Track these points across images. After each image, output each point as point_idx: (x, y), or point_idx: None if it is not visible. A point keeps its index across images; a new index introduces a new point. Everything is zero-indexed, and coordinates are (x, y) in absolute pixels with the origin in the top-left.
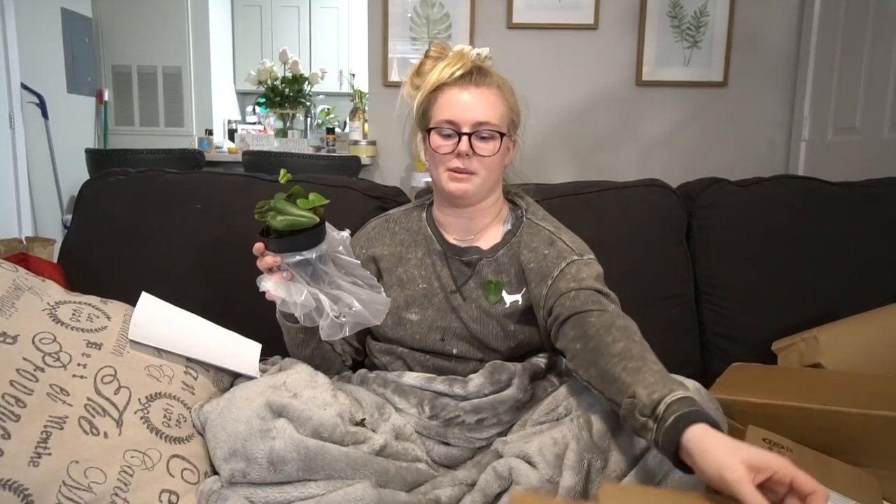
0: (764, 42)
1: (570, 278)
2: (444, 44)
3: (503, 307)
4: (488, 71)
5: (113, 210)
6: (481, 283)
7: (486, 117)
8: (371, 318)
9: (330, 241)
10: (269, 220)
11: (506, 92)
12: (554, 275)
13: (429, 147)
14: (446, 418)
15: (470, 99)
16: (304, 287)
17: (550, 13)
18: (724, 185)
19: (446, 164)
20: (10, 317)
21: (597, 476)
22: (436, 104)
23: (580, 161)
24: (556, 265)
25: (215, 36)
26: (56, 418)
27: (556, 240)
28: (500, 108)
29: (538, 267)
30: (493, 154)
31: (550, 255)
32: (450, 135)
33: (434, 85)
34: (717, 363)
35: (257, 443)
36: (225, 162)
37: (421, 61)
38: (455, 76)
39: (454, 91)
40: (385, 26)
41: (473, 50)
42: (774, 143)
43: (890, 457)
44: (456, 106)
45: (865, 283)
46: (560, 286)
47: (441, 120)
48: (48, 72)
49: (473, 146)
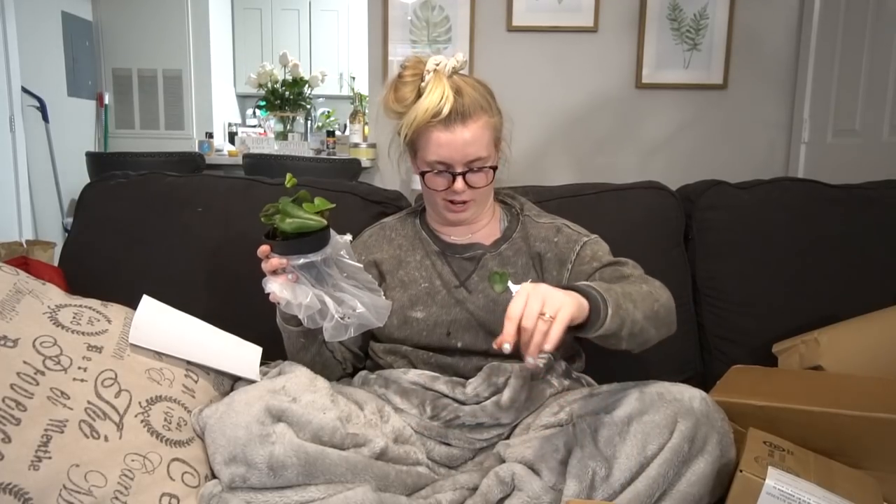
0: (764, 44)
1: (588, 258)
2: (416, 60)
3: (509, 296)
4: (467, 91)
5: (114, 213)
6: (487, 276)
7: (477, 153)
8: (374, 321)
9: (333, 245)
10: (277, 222)
11: (488, 113)
12: (571, 259)
13: (422, 183)
14: (447, 419)
15: (458, 138)
16: (308, 289)
17: (550, 16)
18: (724, 188)
19: (443, 196)
20: (10, 320)
21: (601, 484)
22: (422, 140)
23: (580, 163)
24: (570, 249)
25: (215, 39)
26: (56, 422)
27: (561, 227)
28: (487, 135)
29: (553, 255)
30: (488, 183)
31: (561, 241)
32: (442, 172)
33: (418, 125)
34: (718, 365)
35: (257, 448)
36: (225, 165)
37: (396, 86)
38: (441, 117)
39: (440, 132)
40: (385, 29)
41: (448, 64)
42: (774, 145)
43: (890, 459)
44: (444, 147)
45: (865, 285)
46: (583, 269)
47: (433, 161)
48: (49, 75)
49: (468, 181)
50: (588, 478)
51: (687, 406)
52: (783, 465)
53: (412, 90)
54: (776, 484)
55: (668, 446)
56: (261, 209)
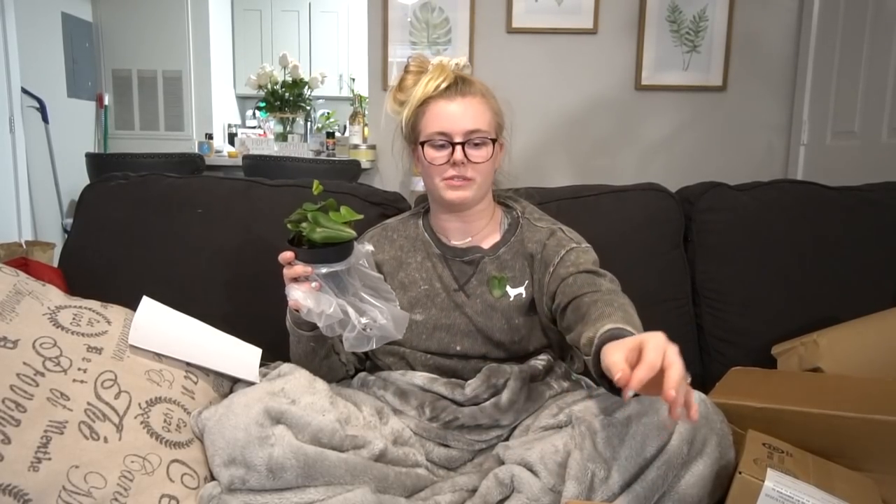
0: (763, 46)
1: (569, 264)
2: (422, 57)
3: (507, 300)
4: (471, 80)
5: (114, 214)
6: (485, 280)
7: (476, 125)
8: (395, 333)
9: (356, 254)
10: (306, 231)
11: (489, 98)
12: (555, 262)
13: (423, 159)
14: (446, 420)
15: (458, 109)
16: (332, 298)
17: (550, 17)
18: (724, 190)
19: (442, 174)
20: (10, 321)
21: (600, 486)
22: (424, 117)
23: (579, 165)
24: (556, 253)
25: (215, 40)
26: (56, 423)
27: (555, 230)
28: (487, 114)
29: (541, 257)
30: (487, 160)
31: (551, 243)
32: (443, 145)
33: (420, 99)
34: (717, 367)
35: (256, 450)
36: (225, 166)
37: (402, 77)
38: (441, 89)
39: (441, 103)
40: (385, 31)
41: (452, 60)
42: (773, 147)
43: (890, 461)
44: (445, 117)
45: (864, 287)
46: (560, 272)
47: (432, 132)
48: (48, 76)
49: (467, 154)
50: (587, 479)
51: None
52: (782, 467)
53: (415, 81)
54: (775, 486)
55: (667, 448)
56: (260, 210)
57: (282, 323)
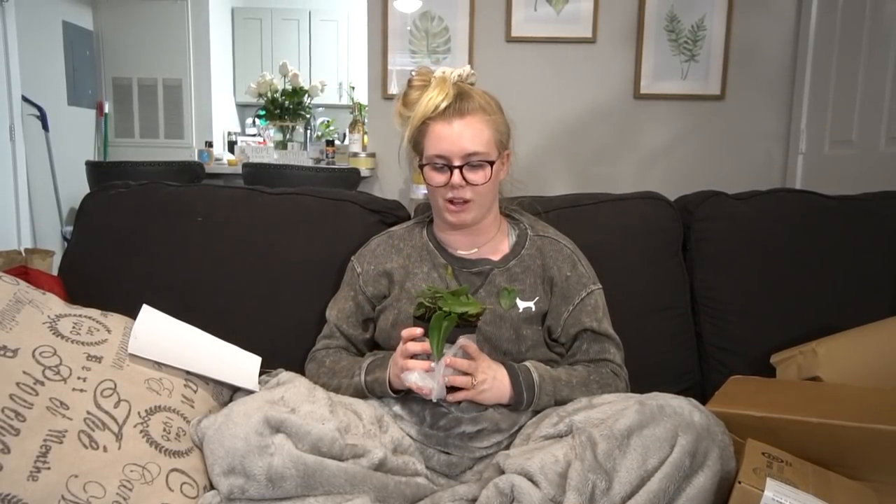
0: (761, 56)
1: (590, 310)
2: (426, 69)
3: (516, 312)
4: (471, 94)
5: (114, 223)
6: (494, 291)
7: (474, 147)
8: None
9: None
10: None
11: (490, 113)
12: (575, 301)
13: (425, 180)
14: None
15: (455, 131)
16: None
17: (549, 27)
18: (722, 198)
19: (443, 195)
20: (10, 330)
21: (601, 498)
22: (425, 138)
23: (578, 173)
24: (577, 292)
25: (216, 48)
26: (56, 432)
27: (577, 263)
28: (486, 133)
29: (561, 289)
30: (486, 181)
31: (573, 278)
32: (442, 167)
33: (420, 120)
34: (716, 375)
35: (255, 459)
36: (225, 174)
37: (406, 91)
38: (440, 109)
39: (440, 125)
40: (384, 39)
41: (455, 72)
42: (771, 156)
43: (889, 470)
44: (443, 140)
45: (863, 296)
46: (583, 319)
47: (431, 155)
48: (49, 84)
49: (465, 177)
50: (588, 490)
51: (687, 420)
52: (781, 477)
53: (419, 95)
54: (774, 495)
55: (669, 461)
56: (260, 219)
57: (280, 330)
